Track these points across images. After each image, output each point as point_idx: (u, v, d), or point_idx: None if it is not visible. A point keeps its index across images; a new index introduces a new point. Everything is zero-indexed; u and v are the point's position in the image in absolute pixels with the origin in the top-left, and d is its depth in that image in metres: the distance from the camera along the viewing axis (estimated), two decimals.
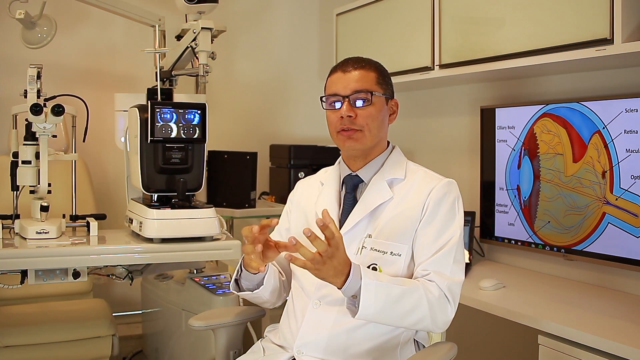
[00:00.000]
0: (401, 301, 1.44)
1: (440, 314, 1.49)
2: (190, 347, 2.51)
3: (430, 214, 1.56)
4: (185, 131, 2.26)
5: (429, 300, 1.46)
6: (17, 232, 2.25)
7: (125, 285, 2.46)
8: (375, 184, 1.63)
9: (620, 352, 1.59)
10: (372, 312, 1.42)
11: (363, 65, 1.63)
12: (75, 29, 3.14)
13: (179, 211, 2.23)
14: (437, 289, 1.49)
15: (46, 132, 2.18)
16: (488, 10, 2.34)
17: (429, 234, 1.55)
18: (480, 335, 2.65)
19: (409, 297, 1.45)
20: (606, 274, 2.20)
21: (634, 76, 2.13)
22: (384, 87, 1.63)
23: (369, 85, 1.60)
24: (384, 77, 1.64)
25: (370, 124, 1.59)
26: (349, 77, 1.60)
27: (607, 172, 2.10)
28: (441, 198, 1.57)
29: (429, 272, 1.52)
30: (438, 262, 1.52)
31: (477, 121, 2.68)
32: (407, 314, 1.45)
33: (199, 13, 2.52)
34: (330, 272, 1.38)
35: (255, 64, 3.58)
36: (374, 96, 1.59)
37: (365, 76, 1.61)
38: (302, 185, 1.83)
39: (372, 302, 1.40)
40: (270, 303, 1.71)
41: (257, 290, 1.62)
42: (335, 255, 1.36)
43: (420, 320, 1.47)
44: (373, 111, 1.60)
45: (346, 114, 1.58)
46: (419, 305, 1.45)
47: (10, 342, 2.41)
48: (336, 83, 1.62)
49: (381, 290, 1.42)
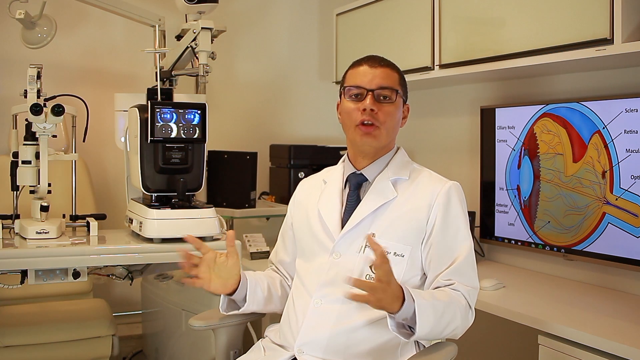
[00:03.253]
0: (444, 315, 1.45)
1: (466, 320, 1.52)
2: (190, 347, 2.51)
3: (441, 222, 1.57)
4: (185, 131, 2.26)
5: (460, 309, 1.49)
6: (17, 232, 2.25)
7: (125, 285, 2.46)
8: (379, 183, 1.63)
9: (620, 352, 1.59)
10: (427, 332, 1.42)
11: (389, 64, 1.65)
12: (75, 29, 3.13)
13: (179, 211, 2.23)
14: (463, 298, 1.52)
15: (46, 132, 2.18)
16: (488, 10, 2.34)
17: (443, 243, 1.56)
18: (480, 335, 2.65)
19: (448, 310, 1.47)
20: (606, 274, 2.20)
21: (634, 76, 2.13)
22: (403, 90, 1.66)
23: (393, 84, 1.62)
24: (403, 81, 1.68)
25: (389, 122, 1.61)
26: (375, 72, 1.61)
27: (607, 172, 2.10)
28: (448, 203, 1.58)
29: (453, 281, 1.53)
30: (458, 271, 1.54)
31: (477, 121, 2.68)
32: (447, 326, 1.47)
33: (199, 13, 2.52)
34: (389, 299, 1.36)
35: (256, 64, 3.58)
36: (397, 95, 1.61)
37: (390, 74, 1.62)
38: (304, 185, 1.83)
39: (426, 322, 1.41)
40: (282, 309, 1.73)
41: (242, 308, 1.66)
42: (391, 281, 1.36)
43: (455, 329, 1.50)
44: (393, 110, 1.61)
45: (369, 107, 1.58)
46: (455, 316, 1.48)
47: (10, 342, 2.41)
48: (362, 76, 1.62)
49: (430, 308, 1.42)
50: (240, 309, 1.67)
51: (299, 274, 1.68)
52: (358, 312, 1.53)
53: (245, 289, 1.66)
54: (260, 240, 2.87)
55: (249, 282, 1.67)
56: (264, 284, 1.72)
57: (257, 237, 2.88)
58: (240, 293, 1.66)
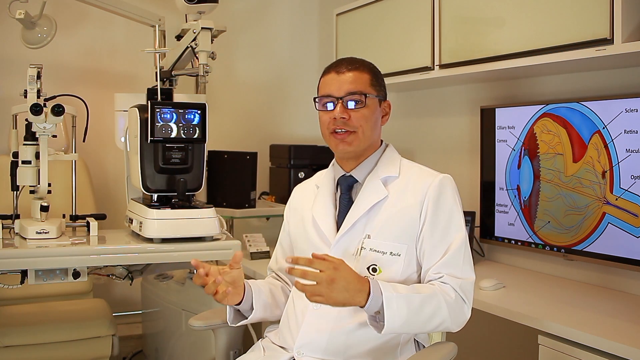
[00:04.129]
0: (423, 309, 1.45)
1: (459, 314, 1.51)
2: (190, 347, 2.51)
3: (432, 215, 1.56)
4: (185, 131, 2.26)
5: (448, 302, 1.48)
6: (17, 232, 2.25)
7: (125, 285, 2.46)
8: (369, 183, 1.63)
9: (620, 352, 1.59)
10: (398, 325, 1.42)
11: (357, 66, 1.62)
12: (75, 29, 3.14)
13: (179, 211, 2.23)
14: (453, 291, 1.50)
15: (46, 132, 2.18)
16: (488, 10, 2.34)
17: (434, 235, 1.55)
18: (480, 335, 2.65)
19: (429, 303, 1.46)
20: (606, 274, 2.20)
21: (634, 76, 2.13)
22: (377, 89, 1.63)
23: (362, 87, 1.59)
24: (377, 79, 1.64)
25: (364, 125, 1.59)
26: (343, 79, 1.60)
27: (607, 172, 2.10)
28: (439, 196, 1.57)
29: (442, 274, 1.52)
30: (448, 263, 1.53)
31: (477, 121, 2.68)
32: (429, 319, 1.46)
33: (199, 13, 2.52)
34: (344, 295, 1.38)
35: (255, 64, 3.58)
36: (367, 98, 1.59)
37: (359, 78, 1.60)
38: (298, 191, 1.83)
39: (397, 315, 1.41)
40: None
41: (249, 317, 1.64)
42: (335, 278, 1.37)
43: (442, 323, 1.48)
44: (366, 113, 1.59)
45: (339, 116, 1.58)
46: (439, 310, 1.46)
47: (10, 342, 2.41)
48: (330, 84, 1.62)
49: (402, 301, 1.42)
50: (247, 318, 1.66)
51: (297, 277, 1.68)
52: (357, 312, 1.52)
53: (250, 298, 1.65)
54: (260, 240, 2.87)
55: (253, 290, 1.66)
56: (267, 291, 1.71)
57: (257, 237, 2.88)
58: (247, 303, 1.64)
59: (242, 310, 1.67)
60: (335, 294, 1.37)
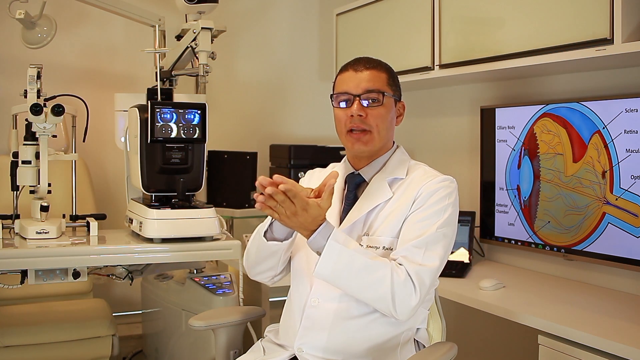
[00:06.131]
0: (363, 272, 1.44)
1: (404, 297, 1.44)
2: (190, 347, 2.51)
3: (417, 205, 1.55)
4: (185, 131, 2.26)
5: (393, 280, 1.44)
6: (17, 232, 2.25)
7: (125, 285, 2.46)
8: (375, 184, 1.63)
9: (620, 352, 1.59)
10: (328, 274, 1.44)
11: (375, 65, 1.63)
12: (75, 29, 3.14)
13: (179, 211, 2.23)
14: (404, 273, 1.46)
15: (46, 132, 2.18)
16: (488, 10, 2.34)
17: (413, 220, 1.53)
18: (480, 335, 2.65)
19: (373, 271, 1.44)
20: (606, 274, 2.20)
21: (634, 76, 2.13)
22: (393, 89, 1.64)
23: (380, 86, 1.60)
24: (393, 79, 1.65)
25: (380, 124, 1.60)
26: (361, 77, 1.60)
27: (607, 172, 2.10)
28: (432, 192, 1.56)
29: (401, 256, 1.49)
30: (410, 249, 1.50)
31: (477, 121, 2.68)
32: (366, 287, 1.44)
33: (199, 13, 2.52)
34: (294, 224, 1.42)
35: (256, 64, 3.58)
36: (385, 97, 1.60)
37: (377, 76, 1.61)
38: (314, 176, 1.80)
39: (330, 264, 1.42)
40: (277, 272, 1.68)
41: (286, 241, 1.57)
42: (299, 215, 1.39)
43: (380, 298, 1.44)
44: (383, 112, 1.60)
45: (356, 113, 1.58)
46: (381, 282, 1.43)
47: (10, 342, 2.41)
48: (347, 81, 1.61)
49: (344, 255, 1.42)
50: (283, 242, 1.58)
51: (295, 273, 1.68)
52: (356, 309, 1.53)
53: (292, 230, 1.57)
54: None
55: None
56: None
57: None
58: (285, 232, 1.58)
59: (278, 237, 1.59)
60: (289, 221, 1.41)
